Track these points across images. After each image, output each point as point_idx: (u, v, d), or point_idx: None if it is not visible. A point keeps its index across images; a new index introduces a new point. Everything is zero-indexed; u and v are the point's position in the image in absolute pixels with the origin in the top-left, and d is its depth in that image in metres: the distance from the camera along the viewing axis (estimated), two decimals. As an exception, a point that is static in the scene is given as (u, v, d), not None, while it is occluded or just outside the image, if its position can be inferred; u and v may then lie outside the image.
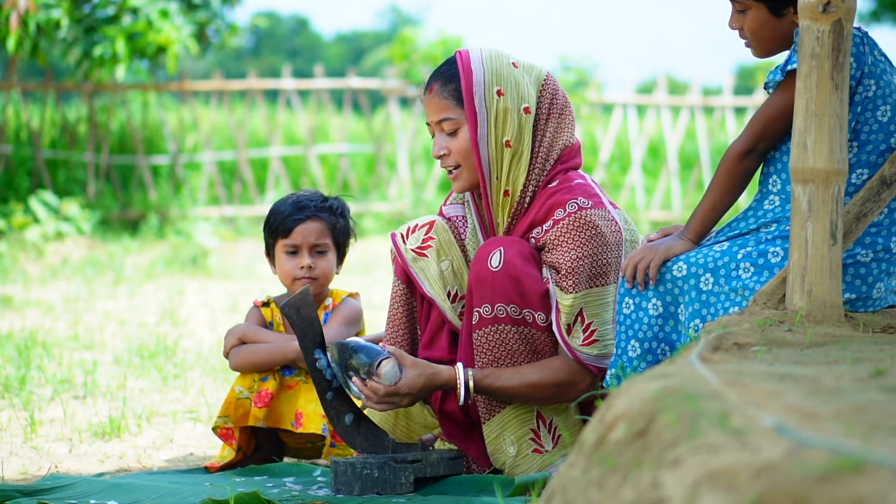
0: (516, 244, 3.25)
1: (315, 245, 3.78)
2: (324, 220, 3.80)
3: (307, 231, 3.77)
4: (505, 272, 3.21)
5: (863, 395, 1.85)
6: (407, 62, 13.52)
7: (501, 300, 3.22)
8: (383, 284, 8.35)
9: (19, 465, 3.73)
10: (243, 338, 3.77)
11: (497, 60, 3.29)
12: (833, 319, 2.72)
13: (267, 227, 3.84)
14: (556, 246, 3.23)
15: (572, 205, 3.23)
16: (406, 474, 3.21)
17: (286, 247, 3.78)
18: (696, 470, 1.56)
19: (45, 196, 10.72)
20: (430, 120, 3.34)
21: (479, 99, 3.25)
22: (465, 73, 3.27)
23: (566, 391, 3.25)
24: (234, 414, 3.70)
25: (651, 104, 13.54)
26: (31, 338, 5.78)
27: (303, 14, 71.17)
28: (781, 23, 3.04)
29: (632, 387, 1.92)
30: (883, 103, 2.95)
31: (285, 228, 3.78)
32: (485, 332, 3.25)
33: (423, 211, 12.64)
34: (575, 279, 3.20)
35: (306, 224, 3.77)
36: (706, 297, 2.98)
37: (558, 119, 3.33)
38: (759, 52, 3.11)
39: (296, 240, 3.77)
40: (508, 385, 3.23)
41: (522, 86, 3.28)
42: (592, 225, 3.21)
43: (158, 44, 11.28)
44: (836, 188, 2.73)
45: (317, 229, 3.78)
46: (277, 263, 3.82)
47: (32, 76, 23.70)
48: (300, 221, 3.77)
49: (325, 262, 3.79)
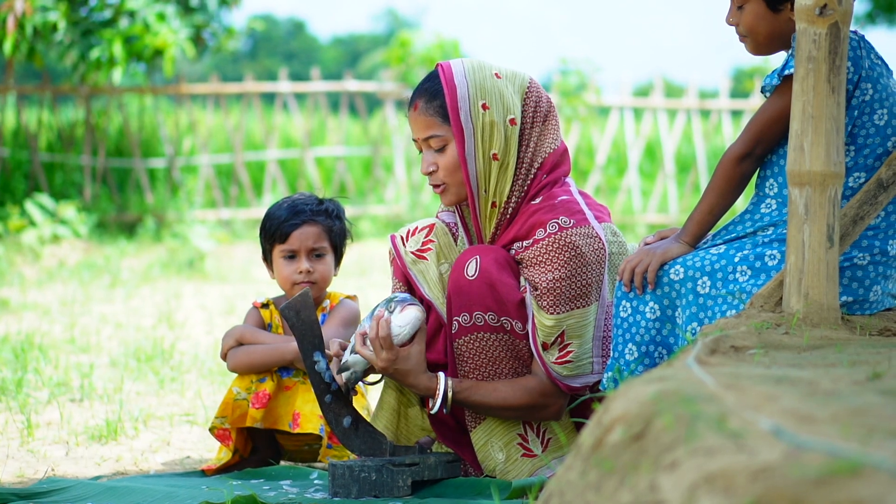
0: (492, 252, 3.25)
1: (313, 249, 3.77)
2: (320, 224, 3.79)
3: (304, 235, 3.77)
4: (481, 280, 3.21)
5: (860, 398, 1.85)
6: (404, 65, 13.52)
7: (479, 308, 3.23)
8: (380, 287, 8.35)
9: (16, 468, 3.73)
10: (241, 339, 3.77)
11: (480, 73, 3.27)
12: (830, 322, 2.72)
13: (263, 233, 3.83)
14: (535, 265, 3.23)
15: (553, 224, 3.22)
16: (404, 477, 3.21)
17: (284, 252, 3.78)
18: (694, 473, 1.56)
19: (42, 199, 10.71)
20: (416, 137, 3.32)
21: (464, 114, 3.24)
22: (448, 88, 3.25)
23: (537, 412, 3.29)
24: (232, 415, 3.70)
25: (648, 107, 13.54)
26: (28, 341, 5.78)
27: (299, 17, 71.14)
28: (778, 18, 3.04)
29: (629, 390, 1.92)
30: (880, 107, 2.95)
31: (282, 234, 3.77)
32: (465, 340, 3.26)
33: (419, 214, 12.64)
34: (553, 299, 3.20)
35: (303, 228, 3.77)
36: (703, 300, 2.98)
37: (542, 125, 3.32)
38: (755, 48, 3.11)
39: (293, 244, 3.77)
40: (484, 401, 3.26)
41: (507, 96, 3.27)
42: (572, 246, 3.21)
43: (155, 47, 11.28)
44: (833, 191, 2.73)
45: (314, 233, 3.78)
46: (276, 268, 3.82)
47: (29, 79, 23.69)
48: (297, 226, 3.76)
49: (323, 265, 3.79)
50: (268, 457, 3.80)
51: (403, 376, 3.25)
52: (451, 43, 13.76)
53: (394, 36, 14.86)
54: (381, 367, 3.24)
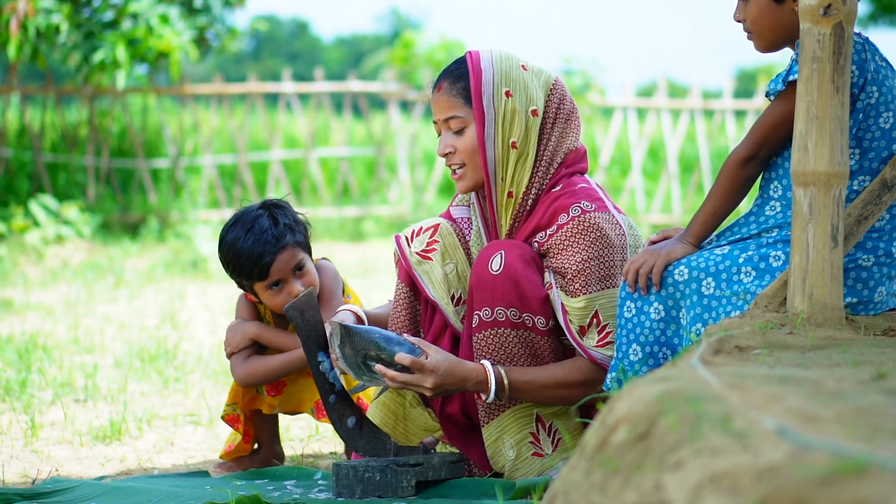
0: (518, 248, 3.25)
1: (294, 269, 3.66)
2: (289, 244, 3.64)
3: (283, 264, 3.63)
4: (505, 276, 3.21)
5: (865, 398, 1.85)
6: (407, 65, 13.52)
7: (501, 304, 3.22)
8: (383, 288, 8.35)
9: (20, 468, 3.73)
10: (257, 338, 3.71)
11: (507, 62, 3.30)
12: (834, 322, 2.72)
13: (237, 273, 3.66)
14: (562, 250, 3.23)
15: (576, 208, 3.24)
16: (408, 478, 3.20)
17: (268, 285, 3.65)
18: (698, 473, 1.56)
19: (46, 200, 10.72)
20: (437, 118, 3.34)
21: (487, 98, 3.26)
22: (474, 72, 3.28)
23: (591, 390, 3.23)
24: (242, 400, 3.71)
25: (651, 107, 13.54)
26: (32, 341, 5.78)
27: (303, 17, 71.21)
28: (781, 10, 3.03)
29: (633, 390, 1.92)
30: (885, 110, 2.94)
31: (261, 272, 3.62)
32: (484, 335, 3.25)
33: (423, 214, 12.64)
34: (584, 281, 3.20)
35: (279, 258, 3.62)
36: (708, 301, 2.98)
37: (565, 124, 3.33)
38: (761, 43, 3.10)
39: (276, 277, 3.64)
40: (536, 380, 3.22)
41: (531, 88, 3.29)
42: (597, 227, 3.21)
43: (159, 50, 11.28)
44: (838, 191, 2.73)
45: (289, 256, 3.64)
46: (262, 298, 3.69)
47: (33, 79, 23.72)
48: (273, 261, 3.62)
49: (307, 275, 3.68)
50: (271, 455, 3.80)
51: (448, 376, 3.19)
52: (456, 43, 13.76)
53: (397, 36, 14.85)
54: (430, 385, 3.18)
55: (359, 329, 3.21)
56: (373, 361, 3.20)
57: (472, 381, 3.21)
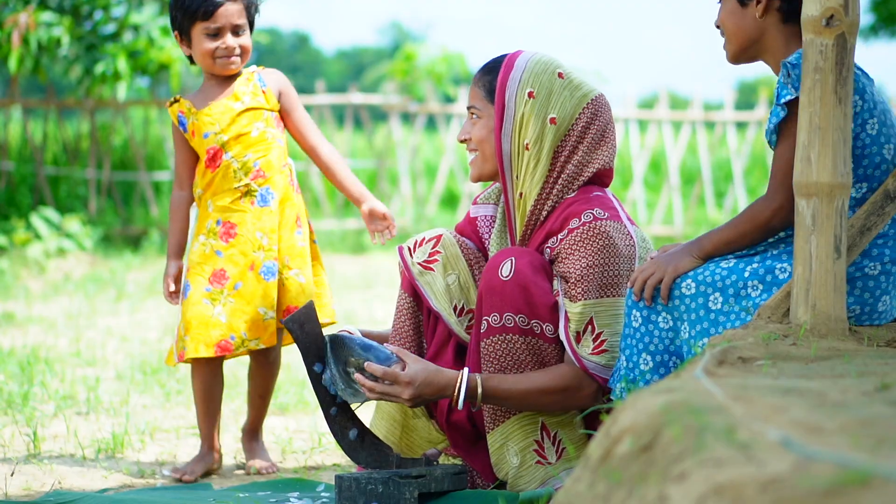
0: (528, 255, 3.26)
1: (236, 26, 3.84)
2: (241, 1, 3.86)
3: (229, 13, 3.83)
4: (515, 282, 3.22)
5: (869, 409, 1.85)
6: (408, 78, 13.54)
7: (510, 310, 3.23)
8: (385, 300, 8.35)
9: (22, 481, 3.73)
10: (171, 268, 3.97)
11: (542, 65, 3.34)
12: (837, 333, 2.72)
13: (182, 9, 3.84)
14: (568, 255, 3.23)
15: (588, 214, 3.25)
16: (410, 489, 3.20)
17: (207, 29, 3.82)
18: (702, 484, 1.56)
19: (47, 212, 10.73)
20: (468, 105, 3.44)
21: (510, 94, 3.32)
22: (506, 67, 3.35)
23: (571, 396, 3.24)
24: (265, 334, 3.83)
25: (652, 119, 13.55)
26: (34, 354, 5.78)
27: (304, 30, 71.32)
28: (745, 15, 3.04)
29: (637, 401, 1.92)
30: (870, 117, 2.94)
31: (206, 11, 3.81)
32: (492, 340, 3.25)
33: (424, 227, 12.64)
34: (584, 287, 3.20)
35: (227, 6, 3.82)
36: (715, 315, 2.96)
37: (596, 142, 3.33)
38: (728, 48, 3.11)
39: (218, 22, 3.82)
40: (514, 388, 3.22)
41: (559, 96, 3.31)
42: (605, 235, 3.22)
43: (160, 62, 11.29)
44: (840, 202, 2.73)
45: (237, 10, 3.84)
46: (196, 45, 3.85)
47: (34, 92, 23.75)
48: (221, 4, 3.81)
49: (245, 39, 3.86)
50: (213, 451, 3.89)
51: (425, 386, 3.21)
52: (457, 56, 13.79)
53: (399, 49, 14.87)
54: (407, 396, 3.20)
55: (342, 338, 3.24)
56: (353, 369, 3.22)
57: (452, 390, 3.23)
